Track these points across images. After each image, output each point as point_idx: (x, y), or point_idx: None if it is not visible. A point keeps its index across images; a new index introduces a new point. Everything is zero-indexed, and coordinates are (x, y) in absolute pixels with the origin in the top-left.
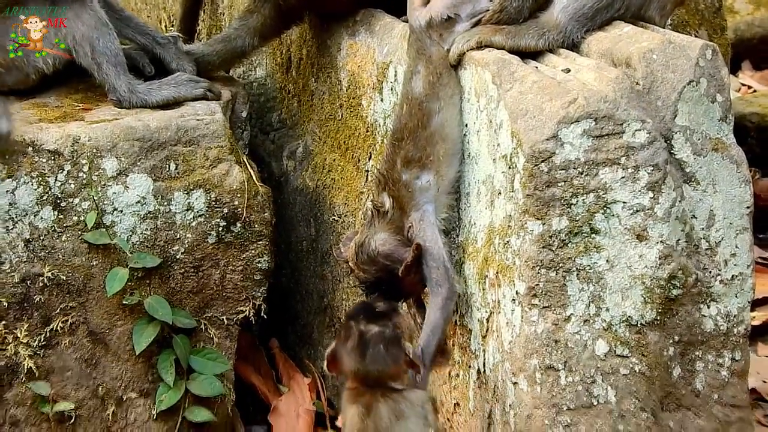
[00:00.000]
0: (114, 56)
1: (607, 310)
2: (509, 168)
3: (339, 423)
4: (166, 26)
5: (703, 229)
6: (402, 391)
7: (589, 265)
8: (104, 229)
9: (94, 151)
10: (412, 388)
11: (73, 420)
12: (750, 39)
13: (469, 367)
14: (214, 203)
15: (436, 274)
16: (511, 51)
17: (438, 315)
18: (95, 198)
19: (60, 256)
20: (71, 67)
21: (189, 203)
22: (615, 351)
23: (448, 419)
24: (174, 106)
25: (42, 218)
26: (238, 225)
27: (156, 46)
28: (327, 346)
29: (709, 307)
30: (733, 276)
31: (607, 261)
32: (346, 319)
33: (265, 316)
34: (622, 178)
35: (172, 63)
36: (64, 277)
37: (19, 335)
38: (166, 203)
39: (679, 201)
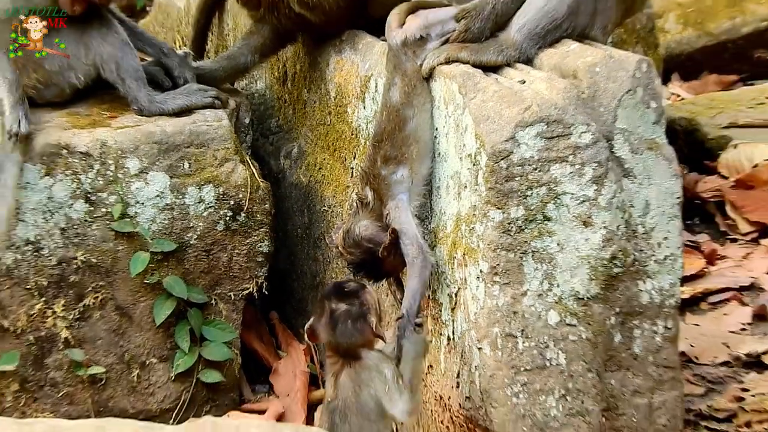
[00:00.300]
0: (135, 72)
1: (558, 286)
2: (473, 165)
3: None
4: (179, 46)
5: (639, 216)
6: (362, 360)
7: (542, 248)
8: (128, 219)
9: (119, 152)
10: (369, 352)
11: (103, 382)
12: (678, 55)
13: (441, 334)
14: (221, 196)
15: (411, 250)
16: (475, 65)
17: (416, 282)
18: (120, 192)
19: (91, 243)
20: (99, 82)
21: (200, 196)
22: (565, 321)
23: (422, 379)
24: (187, 113)
25: (75, 210)
26: (243, 215)
27: (162, 55)
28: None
29: (645, 282)
30: (665, 256)
31: (557, 244)
32: (320, 297)
33: (266, 292)
34: (570, 173)
35: (175, 71)
36: (95, 260)
37: (56, 310)
38: (181, 196)
39: (619, 192)
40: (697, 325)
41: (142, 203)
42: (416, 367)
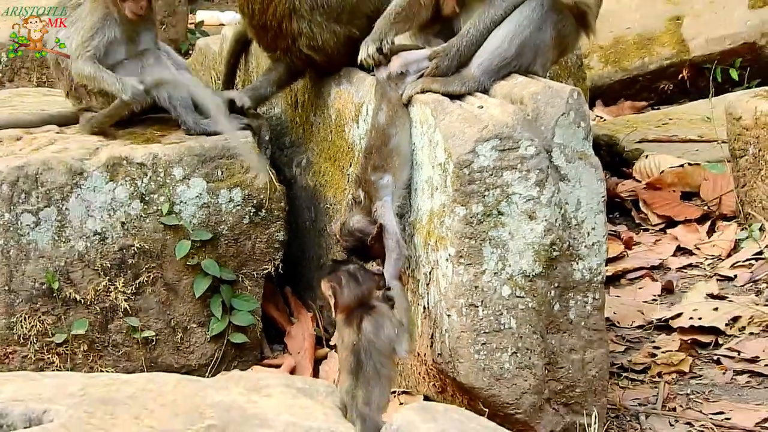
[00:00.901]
0: (184, 100)
1: (510, 266)
2: (443, 172)
3: (332, 342)
4: (214, 81)
5: (573, 211)
6: (376, 307)
7: (497, 236)
8: (174, 215)
9: (168, 162)
10: (382, 303)
11: (154, 343)
12: (601, 86)
13: (418, 305)
14: (247, 197)
15: (390, 242)
16: (444, 94)
17: (392, 269)
18: (168, 194)
19: (145, 233)
20: (153, 108)
21: (230, 197)
22: (515, 293)
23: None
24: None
25: (133, 208)
26: (263, 211)
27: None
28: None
29: (577, 263)
30: (593, 243)
31: (509, 233)
32: (330, 272)
33: (281, 272)
34: (519, 177)
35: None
36: (148, 247)
37: (118, 286)
38: (215, 197)
39: (557, 193)
40: (618, 296)
41: (185, 202)
42: (408, 316)
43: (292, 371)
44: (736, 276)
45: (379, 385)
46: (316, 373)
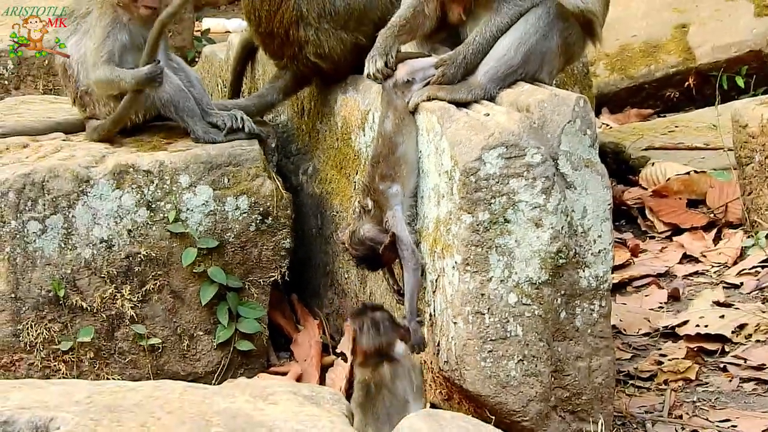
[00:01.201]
0: (191, 110)
1: (516, 273)
2: (449, 179)
3: (339, 350)
4: (221, 88)
5: (579, 219)
6: (398, 360)
7: (503, 244)
8: (181, 222)
9: (174, 170)
10: (403, 358)
11: (160, 350)
12: (607, 93)
13: (424, 312)
14: (253, 204)
15: (406, 253)
16: (450, 102)
17: (412, 281)
18: (174, 202)
19: (151, 241)
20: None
21: (237, 204)
22: (522, 301)
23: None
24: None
25: (139, 215)
26: (270, 219)
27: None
28: (345, 328)
29: (584, 271)
30: (599, 250)
31: (515, 241)
32: (355, 314)
33: (288, 279)
34: (525, 185)
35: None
36: (154, 254)
37: (124, 293)
38: (221, 204)
39: (563, 200)
40: (624, 304)
41: (192, 210)
42: (421, 379)
43: (299, 379)
44: (742, 283)
45: (389, 425)
46: (322, 381)
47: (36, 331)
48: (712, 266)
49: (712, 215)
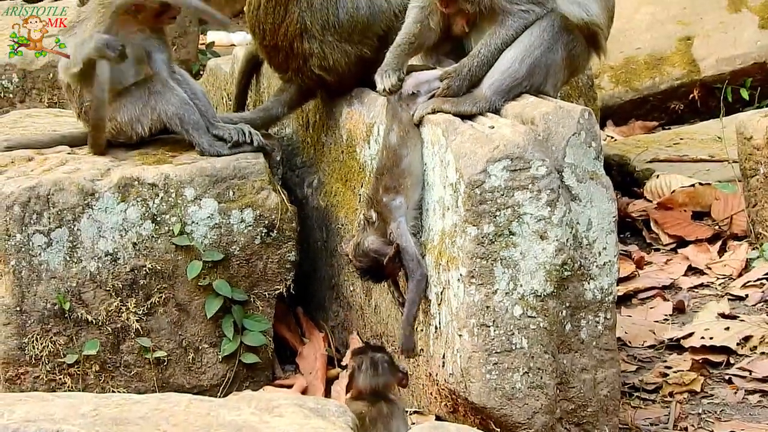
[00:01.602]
0: (196, 123)
1: (521, 286)
2: (454, 192)
3: (343, 362)
4: (225, 101)
5: (584, 231)
6: (394, 402)
7: (509, 256)
8: (186, 235)
9: (179, 183)
10: (397, 400)
11: (165, 363)
12: (612, 106)
13: (430, 324)
14: (258, 217)
15: (412, 265)
16: (455, 115)
17: (414, 292)
18: (180, 215)
19: (156, 254)
20: (164, 131)
21: (242, 217)
22: (527, 313)
23: (415, 360)
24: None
25: (144, 228)
26: (275, 232)
27: (209, 125)
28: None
29: (588, 283)
30: (604, 263)
31: (520, 253)
32: (355, 353)
33: (293, 292)
34: (530, 197)
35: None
36: (160, 268)
37: (129, 306)
38: (227, 217)
39: (568, 213)
40: (629, 316)
41: (197, 223)
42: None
43: (304, 391)
44: (747, 295)
45: None
46: (327, 393)
47: (41, 344)
48: (717, 278)
49: (717, 227)
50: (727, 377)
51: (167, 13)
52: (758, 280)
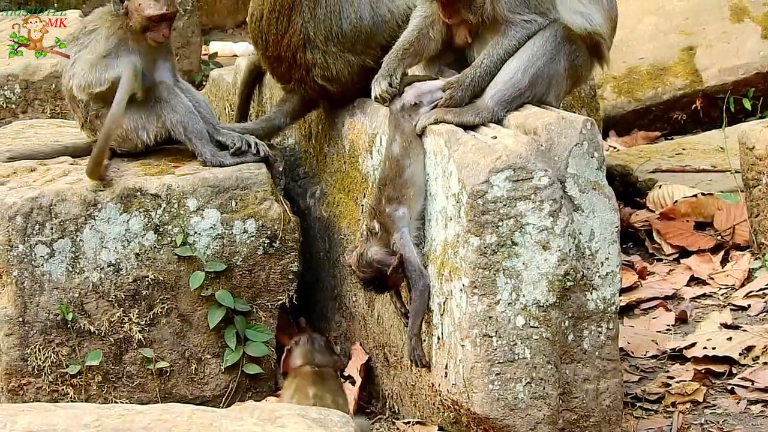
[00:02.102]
0: (200, 133)
1: (524, 296)
2: (457, 202)
3: (345, 373)
4: (228, 112)
5: (586, 241)
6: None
7: (511, 266)
8: (188, 246)
9: (181, 194)
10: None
11: (168, 374)
12: (614, 116)
13: (432, 335)
14: (261, 228)
15: (414, 275)
16: (458, 125)
17: (418, 302)
18: (182, 225)
19: (159, 264)
20: (168, 140)
21: (244, 228)
22: (529, 323)
23: (418, 370)
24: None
25: (147, 239)
26: (277, 242)
27: (214, 131)
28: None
29: (591, 293)
30: (607, 273)
31: (523, 263)
32: (295, 335)
33: (295, 302)
34: (532, 208)
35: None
36: (162, 278)
37: (132, 317)
38: (229, 228)
39: (571, 223)
40: (632, 326)
41: (199, 233)
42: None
43: None
44: (749, 306)
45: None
46: None
47: (44, 354)
48: (720, 288)
49: (719, 237)
50: (729, 387)
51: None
52: (761, 290)
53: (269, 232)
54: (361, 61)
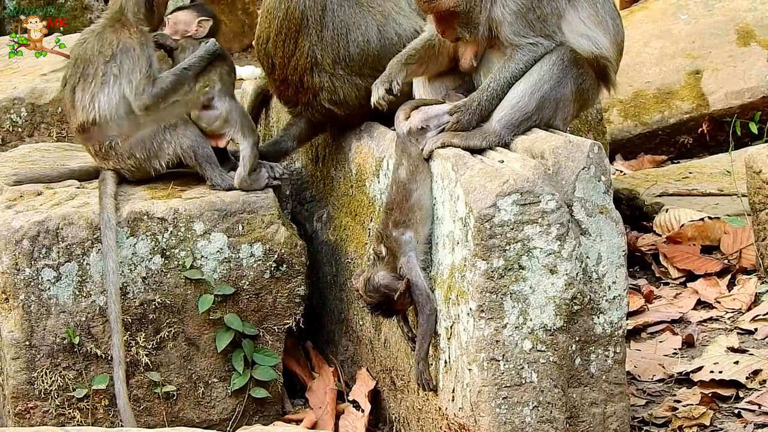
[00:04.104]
0: (209, 158)
1: (531, 320)
2: (464, 226)
3: (350, 397)
4: None
5: (594, 265)
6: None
7: (518, 290)
8: (196, 269)
9: (188, 217)
10: None
11: (175, 397)
12: (621, 140)
13: (439, 359)
14: (268, 251)
15: (421, 299)
16: (465, 149)
17: (425, 326)
18: (189, 249)
19: (166, 288)
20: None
21: (251, 252)
22: (536, 347)
23: (425, 394)
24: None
25: (154, 263)
26: (284, 266)
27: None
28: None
29: (598, 317)
30: (614, 297)
31: (530, 287)
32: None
33: (302, 326)
34: (539, 232)
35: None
36: (169, 302)
37: (139, 341)
38: (236, 252)
39: (578, 247)
40: (639, 350)
41: (206, 257)
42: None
43: (314, 426)
44: (756, 329)
45: None
46: (337, 428)
47: (50, 378)
48: (727, 312)
49: (726, 261)
50: (736, 411)
51: None
52: (767, 314)
53: (276, 256)
54: (369, 84)
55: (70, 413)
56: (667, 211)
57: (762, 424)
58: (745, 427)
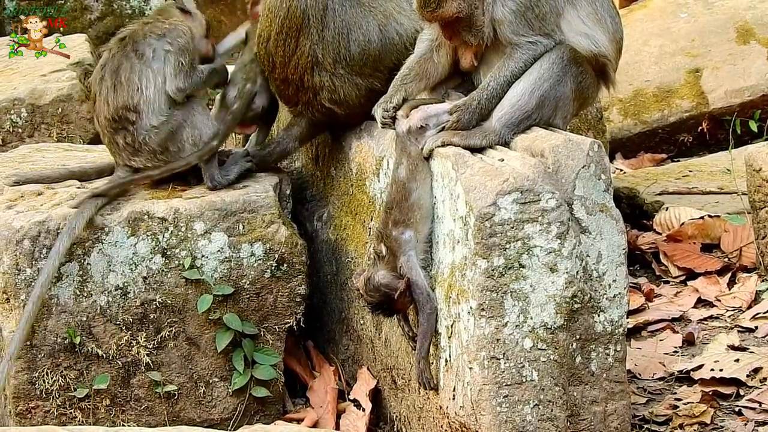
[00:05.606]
0: (215, 155)
1: (531, 318)
2: (464, 225)
3: (351, 396)
4: (235, 135)
5: (594, 264)
6: None
7: (518, 289)
8: (196, 269)
9: (189, 217)
10: None
11: (176, 397)
12: (621, 138)
13: (440, 357)
14: (268, 251)
15: (422, 298)
16: (465, 148)
17: (426, 325)
18: (190, 248)
19: (167, 288)
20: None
21: (252, 251)
22: (537, 346)
23: (425, 393)
24: (243, 180)
25: (155, 262)
26: (285, 265)
27: None
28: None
29: (599, 315)
30: (614, 295)
31: (530, 286)
32: None
33: (303, 325)
34: (540, 230)
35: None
36: (170, 302)
37: (140, 341)
38: (237, 251)
39: (578, 245)
40: (639, 348)
41: (207, 257)
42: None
43: (315, 425)
44: (756, 327)
45: None
46: (338, 427)
47: (52, 378)
48: (727, 310)
49: (726, 259)
50: (736, 409)
51: None
52: (767, 311)
53: (276, 256)
54: (369, 84)
55: (71, 413)
56: (667, 210)
57: (762, 422)
58: (745, 424)
